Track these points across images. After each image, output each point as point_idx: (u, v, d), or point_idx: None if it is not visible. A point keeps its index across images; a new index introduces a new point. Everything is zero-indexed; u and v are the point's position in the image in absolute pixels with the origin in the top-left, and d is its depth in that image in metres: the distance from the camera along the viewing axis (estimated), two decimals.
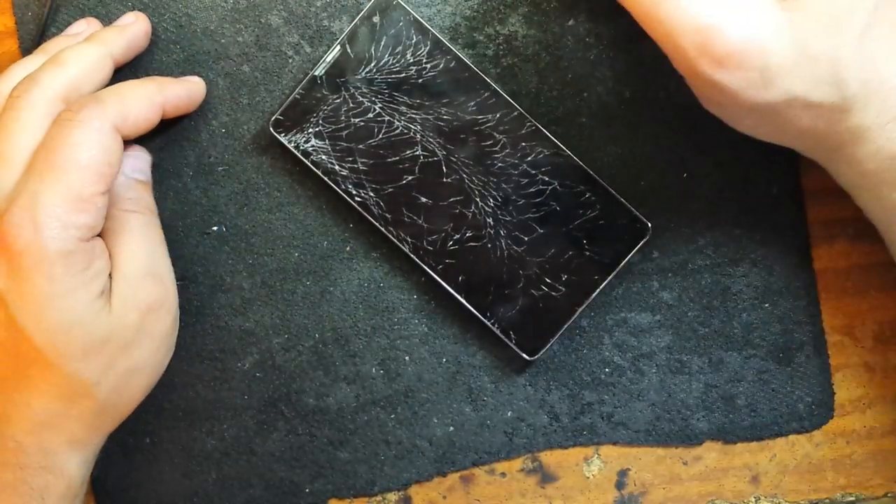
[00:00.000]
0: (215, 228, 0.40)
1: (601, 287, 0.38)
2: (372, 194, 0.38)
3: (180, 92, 0.37)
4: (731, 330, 0.40)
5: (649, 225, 0.38)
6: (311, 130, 0.38)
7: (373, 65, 0.38)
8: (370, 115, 0.38)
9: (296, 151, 0.38)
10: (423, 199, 0.38)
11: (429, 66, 0.38)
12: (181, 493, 0.40)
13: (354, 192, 0.38)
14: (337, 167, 0.38)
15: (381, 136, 0.38)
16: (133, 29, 0.38)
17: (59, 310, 0.32)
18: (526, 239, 0.38)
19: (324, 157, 0.38)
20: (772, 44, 0.31)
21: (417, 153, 0.38)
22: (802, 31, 0.31)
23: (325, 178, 0.38)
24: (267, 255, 0.40)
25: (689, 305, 0.40)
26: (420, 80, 0.38)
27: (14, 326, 0.32)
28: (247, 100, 0.39)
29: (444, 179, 0.38)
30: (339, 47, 0.38)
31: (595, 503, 0.40)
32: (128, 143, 0.37)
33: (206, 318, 0.40)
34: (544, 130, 0.38)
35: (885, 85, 0.31)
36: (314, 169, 0.38)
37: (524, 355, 0.39)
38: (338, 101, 0.38)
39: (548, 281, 0.38)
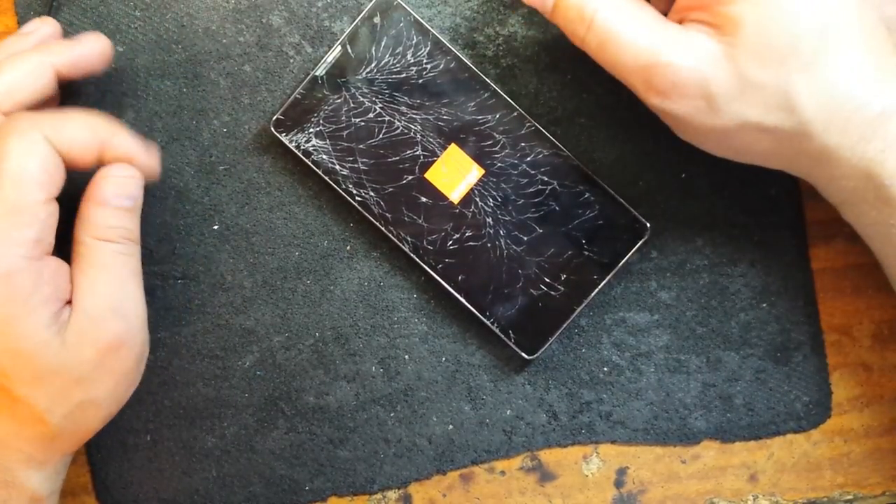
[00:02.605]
0: (216, 227, 0.40)
1: (600, 287, 0.39)
2: (372, 194, 0.38)
3: (128, 145, 0.35)
4: (728, 329, 0.40)
5: (648, 225, 0.39)
6: (311, 130, 0.38)
7: (373, 65, 0.38)
8: (371, 115, 0.38)
9: (297, 151, 0.38)
10: (423, 199, 0.38)
11: (429, 66, 0.38)
12: (182, 491, 0.40)
13: (355, 192, 0.38)
14: (337, 167, 0.38)
15: (381, 135, 0.38)
16: (85, 46, 0.36)
17: (4, 335, 0.32)
18: (525, 239, 0.39)
19: (324, 156, 0.38)
20: (711, 73, 0.32)
21: (418, 153, 0.38)
22: (741, 62, 0.32)
23: (326, 178, 0.38)
24: (268, 253, 0.40)
25: (687, 305, 0.40)
26: (420, 81, 0.38)
27: None
28: (248, 99, 0.40)
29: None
30: (339, 47, 0.38)
31: (594, 501, 0.41)
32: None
33: (207, 317, 0.40)
34: (544, 131, 0.38)
35: (845, 106, 0.31)
36: (315, 168, 0.38)
37: (523, 354, 0.39)
38: (338, 101, 0.38)
39: (547, 280, 0.39)
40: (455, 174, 0.38)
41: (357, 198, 0.38)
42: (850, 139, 0.32)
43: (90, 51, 0.36)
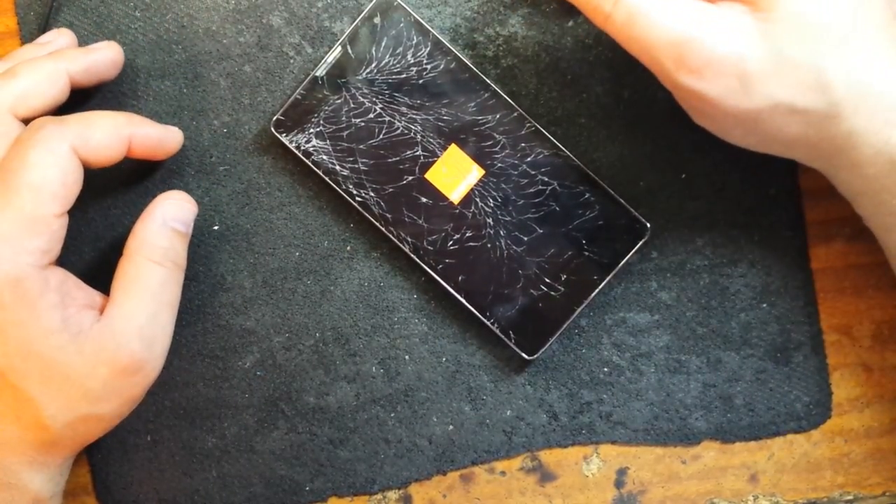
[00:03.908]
0: (216, 227, 0.40)
1: (600, 287, 0.39)
2: (372, 194, 0.38)
3: (151, 132, 0.36)
4: (729, 330, 0.40)
5: (648, 225, 0.39)
6: (312, 130, 0.38)
7: (373, 65, 0.38)
8: (371, 115, 0.38)
9: (297, 151, 0.38)
10: (424, 199, 0.38)
11: (429, 66, 0.38)
12: (182, 491, 0.40)
13: (355, 192, 0.38)
14: (338, 167, 0.38)
15: (381, 136, 0.38)
16: (99, 54, 0.37)
17: (14, 338, 0.32)
18: (525, 239, 0.39)
19: (325, 157, 0.38)
20: (747, 51, 0.31)
21: (418, 153, 0.38)
22: (778, 39, 0.31)
23: (326, 178, 0.38)
24: (268, 254, 0.40)
25: (687, 305, 0.40)
26: (420, 81, 0.38)
27: None
28: (248, 100, 0.40)
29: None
30: (340, 48, 0.38)
31: (594, 502, 0.41)
32: (173, 189, 0.37)
33: (208, 317, 0.40)
34: (544, 131, 0.38)
35: (872, 88, 0.31)
36: (315, 169, 0.38)
37: (523, 355, 0.39)
38: (339, 101, 0.38)
39: (547, 281, 0.39)
40: (455, 174, 0.38)
41: (357, 198, 0.38)
42: (877, 123, 0.32)
43: (104, 58, 0.37)
